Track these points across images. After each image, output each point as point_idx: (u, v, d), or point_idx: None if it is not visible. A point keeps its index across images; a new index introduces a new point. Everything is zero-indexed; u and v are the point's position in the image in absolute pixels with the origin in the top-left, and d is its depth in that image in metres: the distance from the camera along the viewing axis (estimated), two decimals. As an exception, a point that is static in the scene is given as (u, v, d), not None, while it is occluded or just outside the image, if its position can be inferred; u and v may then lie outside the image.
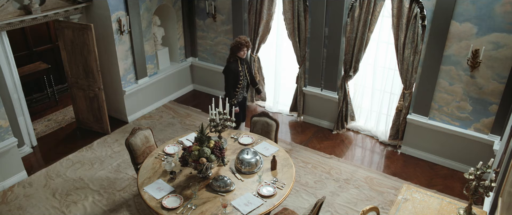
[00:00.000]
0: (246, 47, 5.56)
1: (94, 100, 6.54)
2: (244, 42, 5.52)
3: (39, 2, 5.66)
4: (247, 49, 5.62)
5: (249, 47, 5.61)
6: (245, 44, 5.52)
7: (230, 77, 5.62)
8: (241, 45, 5.51)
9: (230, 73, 5.61)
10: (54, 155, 6.23)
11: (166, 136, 6.67)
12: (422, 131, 5.94)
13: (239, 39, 5.53)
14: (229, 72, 5.61)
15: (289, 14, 6.35)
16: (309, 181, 5.60)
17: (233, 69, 5.60)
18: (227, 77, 5.64)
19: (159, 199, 4.07)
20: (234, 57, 5.61)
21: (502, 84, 5.12)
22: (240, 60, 5.66)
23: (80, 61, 6.30)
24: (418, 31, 5.39)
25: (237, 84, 5.71)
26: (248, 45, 5.57)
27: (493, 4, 4.83)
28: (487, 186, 3.49)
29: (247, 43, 5.54)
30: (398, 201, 4.01)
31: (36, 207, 5.18)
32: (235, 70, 5.62)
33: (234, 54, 5.59)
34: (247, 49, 5.60)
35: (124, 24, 6.44)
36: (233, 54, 5.61)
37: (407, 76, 5.74)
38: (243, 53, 5.59)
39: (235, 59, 5.62)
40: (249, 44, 5.58)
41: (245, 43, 5.52)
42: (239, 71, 5.66)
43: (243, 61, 5.72)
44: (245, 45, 5.53)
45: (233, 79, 5.64)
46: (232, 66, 5.60)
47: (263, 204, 4.02)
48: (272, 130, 5.30)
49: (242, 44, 5.51)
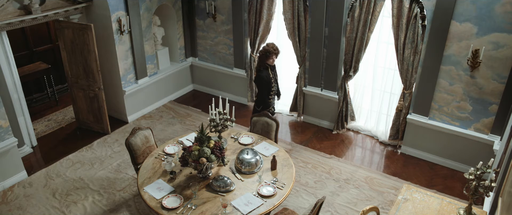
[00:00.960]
0: (275, 54, 5.44)
1: (94, 100, 6.54)
2: (273, 49, 5.39)
3: (39, 2, 5.66)
4: (276, 57, 5.50)
5: (278, 54, 5.49)
6: (273, 52, 5.40)
7: (264, 86, 5.52)
8: (270, 53, 5.38)
9: (263, 82, 5.51)
10: (54, 155, 6.23)
11: (166, 136, 6.67)
12: (422, 131, 5.94)
13: (267, 47, 5.41)
14: (262, 81, 5.51)
15: (289, 14, 6.35)
16: (309, 181, 5.60)
17: (265, 78, 5.49)
18: (261, 86, 5.54)
19: (159, 199, 4.08)
20: (264, 65, 5.49)
21: (502, 84, 5.12)
22: (270, 68, 5.57)
23: (80, 61, 6.30)
24: (418, 31, 5.39)
25: (270, 92, 5.62)
26: (277, 53, 5.45)
27: (493, 4, 4.83)
28: (487, 186, 3.49)
29: (276, 51, 5.43)
30: (398, 201, 4.01)
31: (36, 207, 5.18)
32: (267, 78, 5.51)
33: (263, 62, 5.48)
34: (276, 57, 5.49)
35: (124, 24, 6.44)
36: (262, 63, 5.49)
37: (407, 76, 5.74)
38: (272, 61, 5.48)
39: (265, 67, 5.50)
40: (278, 51, 5.48)
41: (273, 51, 5.40)
42: (270, 79, 5.57)
43: (272, 68, 5.64)
44: (273, 53, 5.41)
45: (266, 87, 5.54)
46: (263, 74, 5.49)
47: (263, 204, 4.03)
48: (272, 130, 5.30)
49: (270, 52, 5.38)
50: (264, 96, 5.60)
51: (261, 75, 5.51)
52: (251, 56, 7.12)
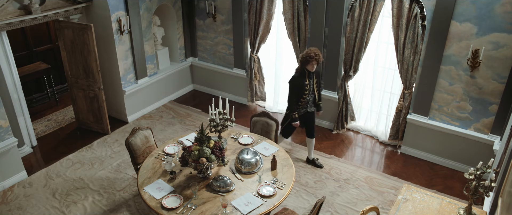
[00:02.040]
0: (316, 61, 5.16)
1: (94, 100, 6.54)
2: (314, 55, 5.12)
3: (39, 2, 5.66)
4: (317, 63, 5.21)
5: (320, 61, 5.20)
6: (314, 57, 5.13)
7: (293, 90, 5.35)
8: (310, 58, 5.12)
9: (294, 86, 5.33)
10: (54, 155, 6.23)
11: (166, 136, 6.67)
12: (422, 131, 5.94)
13: (309, 52, 5.15)
14: (293, 85, 5.34)
15: (289, 14, 6.35)
16: (309, 181, 5.60)
17: (297, 82, 5.30)
18: (291, 89, 5.37)
19: (159, 199, 4.07)
20: (302, 70, 5.27)
21: (502, 84, 5.12)
22: (308, 74, 5.29)
23: (80, 61, 6.30)
24: (418, 31, 5.39)
25: (301, 98, 5.38)
26: (318, 59, 5.16)
27: (493, 4, 4.83)
28: (487, 186, 3.49)
29: (317, 57, 5.14)
30: (398, 201, 4.01)
31: (36, 207, 5.18)
32: (299, 83, 5.31)
33: (303, 66, 5.25)
34: (316, 63, 5.20)
35: (124, 24, 6.44)
36: (301, 67, 5.27)
37: (407, 76, 5.74)
38: (311, 67, 5.20)
39: (303, 72, 5.27)
40: (320, 57, 5.18)
41: (314, 56, 5.12)
42: (305, 85, 5.31)
43: (311, 75, 5.34)
44: (314, 59, 5.13)
45: (296, 92, 5.35)
46: (297, 78, 5.30)
47: (263, 204, 4.02)
48: (272, 130, 5.30)
49: (311, 57, 5.12)
50: (292, 100, 5.38)
51: (295, 78, 5.32)
52: (251, 56, 7.12)
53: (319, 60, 5.20)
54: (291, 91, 5.37)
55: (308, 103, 5.49)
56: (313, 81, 5.39)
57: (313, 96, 5.49)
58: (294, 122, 5.47)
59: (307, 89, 5.35)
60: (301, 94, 5.37)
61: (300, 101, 5.41)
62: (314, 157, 5.92)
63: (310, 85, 5.38)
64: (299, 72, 5.31)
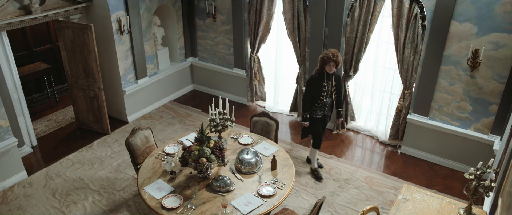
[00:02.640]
0: (334, 62, 4.99)
1: (94, 100, 6.54)
2: (331, 55, 4.98)
3: (39, 2, 5.66)
4: (335, 65, 5.04)
5: (338, 63, 5.03)
6: (331, 58, 4.97)
7: (308, 90, 5.22)
8: (328, 58, 4.98)
9: (310, 86, 5.20)
10: (54, 155, 6.23)
11: (166, 136, 6.67)
12: (422, 131, 5.94)
13: (327, 52, 5.03)
14: (309, 85, 5.21)
15: (289, 14, 6.35)
16: (309, 181, 5.59)
17: (314, 83, 5.16)
18: (306, 89, 5.26)
19: (159, 199, 4.07)
20: (321, 71, 5.13)
21: (502, 84, 5.12)
22: (326, 75, 5.13)
23: (80, 61, 6.30)
24: (418, 31, 5.39)
25: (317, 99, 5.22)
26: (336, 61, 4.99)
27: (493, 4, 4.83)
28: (487, 186, 3.49)
29: (335, 58, 4.98)
30: (398, 201, 4.01)
31: (36, 207, 5.18)
32: (316, 85, 5.16)
33: (322, 67, 5.11)
34: (335, 65, 5.03)
35: (124, 24, 6.44)
36: (320, 67, 5.13)
37: (407, 76, 5.74)
38: (329, 68, 5.04)
39: (322, 73, 5.13)
40: (338, 59, 5.00)
41: (332, 57, 4.97)
42: (322, 86, 5.14)
43: (330, 77, 5.16)
44: (332, 60, 4.97)
45: (311, 93, 5.21)
46: (315, 79, 5.16)
47: (263, 204, 4.02)
48: (272, 130, 5.30)
49: (329, 58, 4.98)
50: (306, 101, 5.27)
51: (311, 78, 5.21)
52: (251, 56, 7.12)
53: (337, 62, 5.04)
54: (307, 91, 5.24)
55: (326, 106, 5.32)
56: (332, 84, 5.23)
57: (331, 100, 5.31)
58: (304, 121, 5.37)
59: (324, 91, 5.18)
60: (318, 95, 5.21)
61: (317, 103, 5.25)
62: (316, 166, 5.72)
63: (328, 88, 5.21)
64: (317, 72, 5.19)
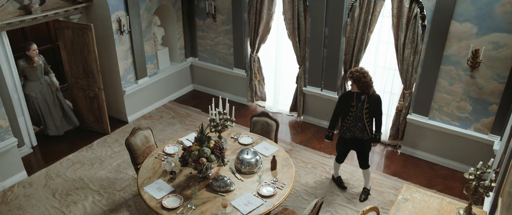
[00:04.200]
0: (351, 79, 4.58)
1: (94, 100, 6.54)
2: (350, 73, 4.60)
3: (39, 2, 5.66)
4: (355, 84, 4.59)
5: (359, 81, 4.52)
6: (351, 77, 4.57)
7: (337, 105, 4.93)
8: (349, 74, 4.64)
9: (338, 102, 4.95)
10: (54, 155, 6.23)
11: (166, 136, 6.67)
12: (422, 131, 5.94)
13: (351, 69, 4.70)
14: (339, 100, 4.95)
15: (289, 14, 6.35)
16: (309, 181, 5.59)
17: (342, 99, 4.86)
18: (336, 103, 4.99)
19: (159, 199, 4.08)
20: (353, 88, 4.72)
21: (502, 84, 5.12)
22: (357, 95, 4.69)
23: (80, 61, 6.30)
24: (418, 31, 5.39)
25: (344, 118, 4.85)
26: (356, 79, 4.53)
27: (493, 4, 4.83)
28: (487, 186, 3.50)
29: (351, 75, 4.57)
30: (398, 201, 4.01)
31: (36, 207, 5.18)
32: (343, 102, 4.83)
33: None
34: (354, 84, 4.59)
35: (124, 24, 6.44)
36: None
37: (407, 76, 5.74)
38: (353, 86, 4.65)
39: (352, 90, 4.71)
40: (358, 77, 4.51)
41: (351, 75, 4.57)
42: (350, 106, 4.74)
43: (361, 97, 4.67)
44: (351, 78, 4.58)
45: (337, 110, 4.93)
46: (344, 95, 4.87)
47: (263, 204, 4.03)
48: (272, 130, 5.30)
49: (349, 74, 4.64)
50: (333, 116, 5.00)
51: (342, 94, 4.95)
52: (251, 56, 7.12)
53: (356, 80, 4.54)
54: (336, 106, 4.97)
55: (355, 128, 4.83)
56: (363, 105, 4.69)
57: (362, 123, 4.78)
58: (326, 139, 5.15)
59: (352, 111, 4.74)
60: (345, 115, 4.84)
61: (344, 121, 4.89)
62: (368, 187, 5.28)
63: (357, 109, 4.72)
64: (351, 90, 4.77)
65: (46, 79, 6.35)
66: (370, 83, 4.60)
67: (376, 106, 4.74)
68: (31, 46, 5.97)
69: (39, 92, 6.20)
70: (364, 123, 4.78)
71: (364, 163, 5.09)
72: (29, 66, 6.01)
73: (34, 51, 5.98)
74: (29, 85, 6.16)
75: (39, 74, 6.15)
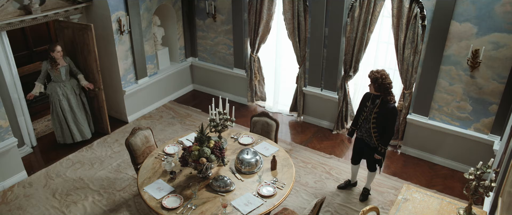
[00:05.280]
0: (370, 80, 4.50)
1: (94, 100, 6.54)
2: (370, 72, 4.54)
3: (39, 2, 5.66)
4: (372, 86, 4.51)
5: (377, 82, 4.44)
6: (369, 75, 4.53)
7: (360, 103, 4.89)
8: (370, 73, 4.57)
9: (361, 100, 4.86)
10: (54, 155, 6.23)
11: (166, 136, 6.67)
12: (422, 131, 5.94)
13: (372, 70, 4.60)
14: (362, 98, 4.88)
15: (289, 14, 6.35)
16: (309, 181, 5.59)
17: (363, 97, 4.84)
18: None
19: (159, 199, 4.07)
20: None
21: (502, 84, 5.12)
22: (373, 96, 4.66)
23: (80, 61, 6.30)
24: (418, 31, 5.39)
25: (358, 117, 4.87)
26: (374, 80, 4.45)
27: (493, 4, 4.83)
28: (487, 186, 3.50)
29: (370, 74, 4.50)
30: (398, 201, 4.01)
31: (36, 207, 5.18)
32: (362, 101, 4.82)
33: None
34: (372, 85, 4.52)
35: (124, 24, 6.44)
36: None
37: (407, 76, 5.74)
38: (370, 88, 4.59)
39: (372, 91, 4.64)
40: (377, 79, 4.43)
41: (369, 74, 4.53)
42: (365, 105, 4.76)
43: (376, 100, 4.63)
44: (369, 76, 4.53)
45: (359, 107, 4.89)
46: (365, 94, 4.82)
47: (263, 204, 4.03)
48: (272, 130, 5.30)
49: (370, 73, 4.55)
50: (357, 112, 4.96)
51: (365, 93, 4.86)
52: (251, 56, 7.12)
53: (374, 80, 4.46)
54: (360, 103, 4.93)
55: (364, 130, 4.80)
56: (373, 109, 4.63)
57: (368, 126, 4.71)
58: (348, 134, 5.16)
59: (365, 111, 4.75)
60: (360, 113, 4.85)
61: (359, 120, 4.88)
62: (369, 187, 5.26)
63: (368, 111, 4.68)
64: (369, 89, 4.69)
65: (72, 82, 6.18)
66: (388, 87, 4.47)
67: (386, 116, 4.57)
68: (56, 47, 5.84)
69: (61, 94, 6.08)
70: (370, 127, 4.70)
71: (369, 166, 5.09)
72: (53, 67, 5.94)
73: (58, 53, 5.85)
74: (51, 86, 6.08)
75: (63, 76, 6.06)
